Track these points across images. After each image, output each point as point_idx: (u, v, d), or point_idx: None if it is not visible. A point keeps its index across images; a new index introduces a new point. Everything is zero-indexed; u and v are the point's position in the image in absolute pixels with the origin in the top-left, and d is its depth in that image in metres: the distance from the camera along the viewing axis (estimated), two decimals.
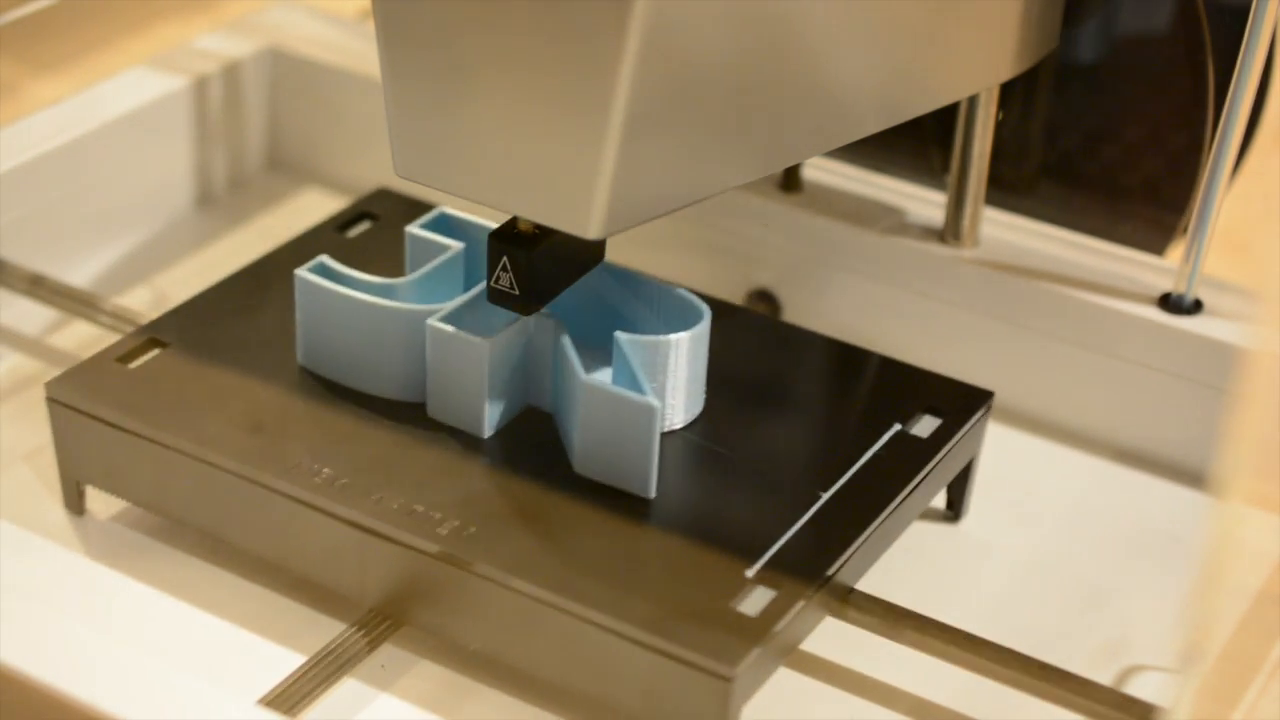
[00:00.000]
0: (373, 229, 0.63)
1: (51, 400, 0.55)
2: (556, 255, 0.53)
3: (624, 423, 0.51)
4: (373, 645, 0.52)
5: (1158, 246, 0.65)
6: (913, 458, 0.54)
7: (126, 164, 0.69)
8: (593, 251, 0.55)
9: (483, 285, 0.55)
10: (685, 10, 0.46)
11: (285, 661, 0.52)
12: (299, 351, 0.56)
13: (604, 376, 0.54)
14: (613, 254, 0.56)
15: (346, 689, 0.51)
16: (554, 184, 0.48)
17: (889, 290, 0.64)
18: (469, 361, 0.53)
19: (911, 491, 0.53)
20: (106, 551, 0.56)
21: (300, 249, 0.61)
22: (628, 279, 0.56)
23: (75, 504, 0.57)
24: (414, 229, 0.58)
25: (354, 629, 0.52)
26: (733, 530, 0.51)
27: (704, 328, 0.54)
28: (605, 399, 0.51)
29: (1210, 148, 0.59)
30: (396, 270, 0.59)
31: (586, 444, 0.52)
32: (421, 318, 0.54)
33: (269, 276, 0.60)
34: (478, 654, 0.51)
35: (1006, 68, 0.58)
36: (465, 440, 0.54)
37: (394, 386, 0.55)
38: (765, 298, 0.66)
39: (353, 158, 0.74)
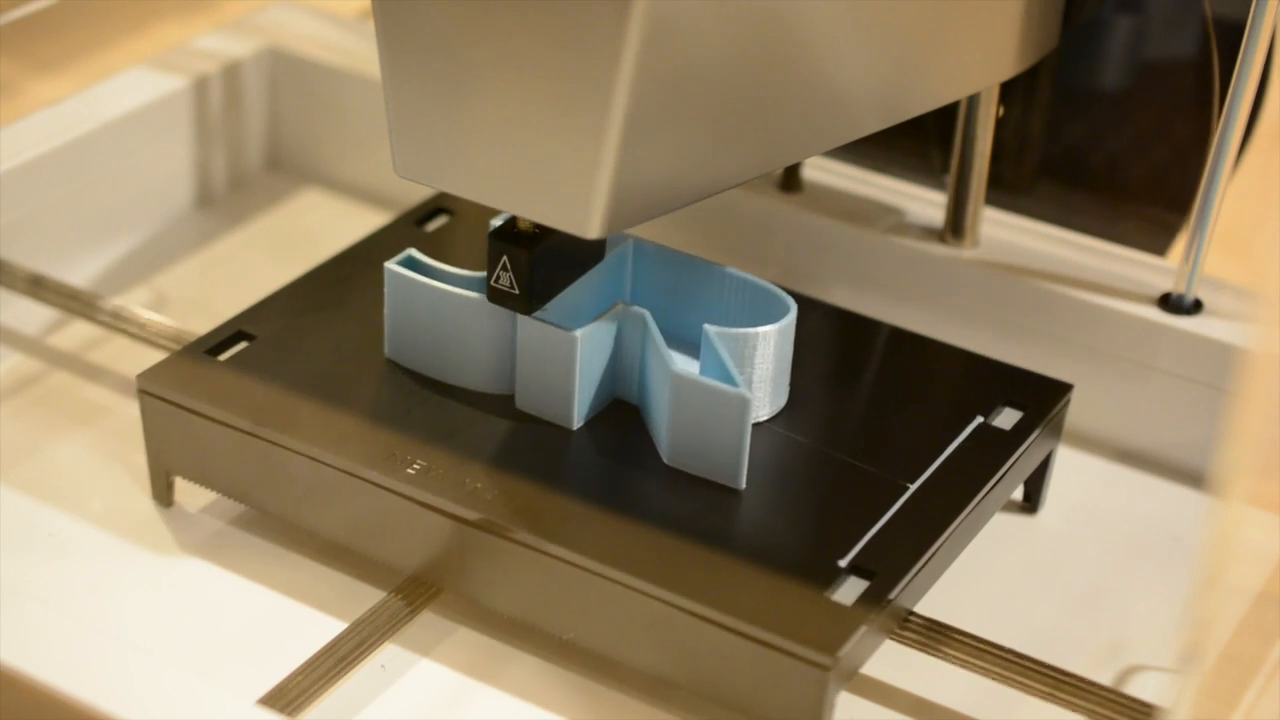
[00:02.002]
0: (450, 223, 0.63)
1: (143, 392, 0.55)
2: (556, 255, 0.53)
3: (715, 414, 0.51)
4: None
5: (1159, 246, 0.65)
6: (996, 449, 0.55)
7: (126, 164, 0.69)
8: (593, 251, 0.55)
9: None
10: (685, 10, 0.46)
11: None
12: (386, 344, 0.57)
13: (691, 368, 0.54)
14: None
15: (366, 678, 0.52)
16: (554, 184, 0.48)
17: (889, 290, 0.64)
18: (559, 353, 0.53)
19: (996, 483, 0.54)
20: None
21: (380, 243, 0.62)
22: (711, 272, 0.56)
23: (164, 495, 0.57)
24: (498, 223, 0.57)
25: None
26: (823, 521, 0.52)
27: (790, 320, 0.54)
28: (697, 390, 0.51)
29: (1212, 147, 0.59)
30: (476, 263, 0.59)
31: (676, 435, 0.52)
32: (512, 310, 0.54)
33: (352, 270, 0.61)
34: (572, 642, 0.51)
35: (1007, 67, 0.58)
36: (555, 432, 0.54)
37: (482, 378, 0.55)
38: None
39: (353, 158, 0.74)
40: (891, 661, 0.53)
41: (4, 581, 0.54)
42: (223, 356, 0.56)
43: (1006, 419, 0.56)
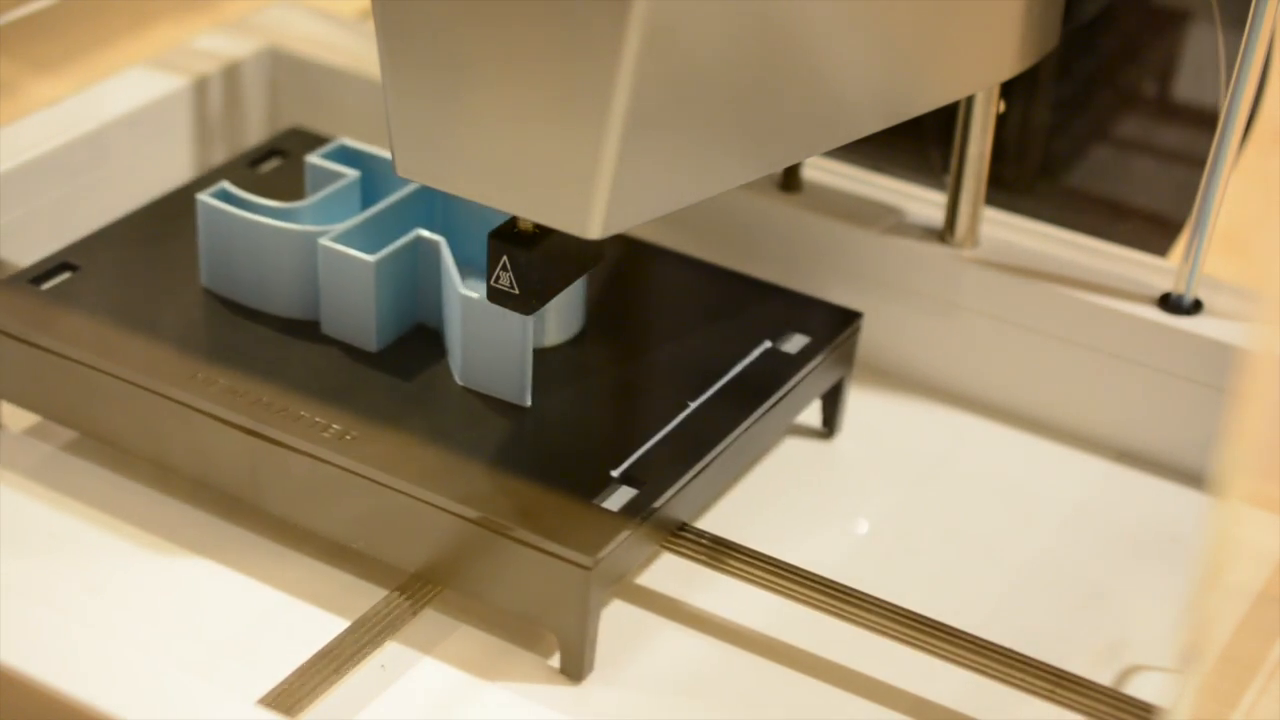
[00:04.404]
0: (283, 165, 0.66)
1: None
2: (556, 255, 0.53)
3: (499, 334, 0.54)
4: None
5: (1159, 246, 0.65)
6: (780, 371, 0.57)
7: (126, 164, 0.69)
8: (592, 251, 0.55)
9: (375, 209, 0.58)
10: (685, 10, 0.46)
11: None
12: (202, 273, 0.59)
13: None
14: None
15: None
16: (554, 183, 0.48)
17: (889, 290, 0.64)
18: (357, 279, 0.56)
19: (776, 403, 0.56)
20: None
21: (210, 182, 0.63)
22: None
23: None
24: (313, 158, 0.61)
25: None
26: (603, 436, 0.54)
27: None
28: (482, 311, 0.54)
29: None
30: (294, 199, 0.61)
31: (467, 356, 0.55)
32: (315, 239, 0.57)
33: (179, 208, 0.63)
34: (360, 552, 0.54)
35: (1007, 67, 0.58)
36: (355, 354, 0.57)
37: (290, 305, 0.58)
38: None
39: None
40: (892, 661, 0.53)
41: (4, 581, 0.54)
42: (46, 285, 0.59)
43: (795, 344, 0.58)
